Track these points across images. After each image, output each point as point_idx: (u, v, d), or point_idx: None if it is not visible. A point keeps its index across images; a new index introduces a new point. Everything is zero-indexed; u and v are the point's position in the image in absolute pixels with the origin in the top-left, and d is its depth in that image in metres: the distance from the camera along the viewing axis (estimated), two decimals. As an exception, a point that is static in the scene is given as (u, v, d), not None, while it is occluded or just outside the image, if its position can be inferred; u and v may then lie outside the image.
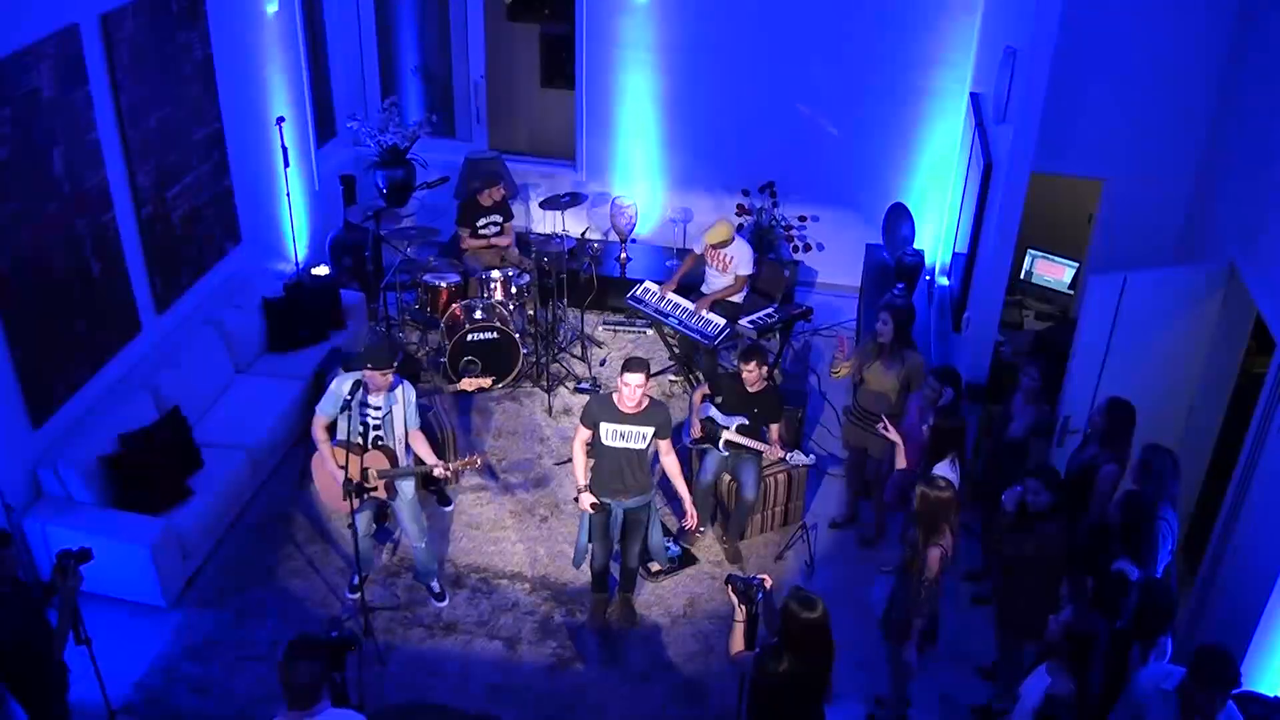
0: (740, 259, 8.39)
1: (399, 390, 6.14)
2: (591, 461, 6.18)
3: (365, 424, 6.11)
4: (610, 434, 5.98)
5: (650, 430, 5.97)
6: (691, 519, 6.30)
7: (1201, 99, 7.15)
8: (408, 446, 6.27)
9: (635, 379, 5.79)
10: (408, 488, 6.41)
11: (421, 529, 6.52)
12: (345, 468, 5.99)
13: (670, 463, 6.14)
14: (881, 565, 6.93)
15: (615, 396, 5.93)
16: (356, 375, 6.04)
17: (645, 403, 5.94)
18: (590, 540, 6.33)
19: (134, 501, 6.58)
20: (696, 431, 6.87)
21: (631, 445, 5.99)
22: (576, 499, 6.21)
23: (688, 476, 7.50)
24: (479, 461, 6.31)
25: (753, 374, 6.52)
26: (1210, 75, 7.08)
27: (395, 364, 6.04)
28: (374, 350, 6.02)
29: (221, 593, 6.75)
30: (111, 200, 6.93)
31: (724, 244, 8.34)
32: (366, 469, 6.14)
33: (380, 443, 6.17)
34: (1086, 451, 6.11)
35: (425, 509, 6.83)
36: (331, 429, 6.21)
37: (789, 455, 6.63)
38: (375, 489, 6.23)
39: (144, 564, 6.37)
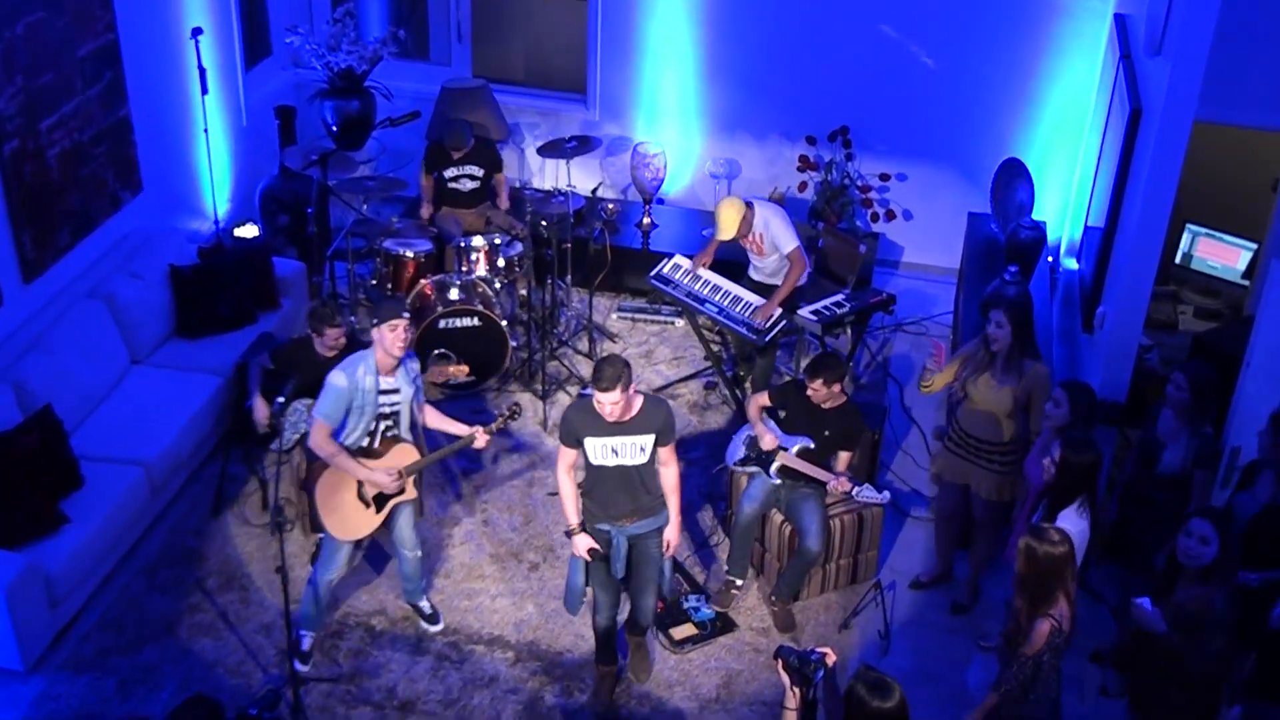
0: (774, 231, 8.11)
1: (413, 364, 6.57)
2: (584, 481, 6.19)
3: (376, 416, 6.45)
4: (600, 451, 5.97)
5: (650, 439, 5.98)
6: (675, 536, 6.30)
7: None
8: (414, 430, 6.66)
9: (611, 397, 5.75)
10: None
11: (417, 537, 6.83)
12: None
13: (670, 475, 6.17)
14: (981, 640, 6.89)
15: (597, 403, 5.89)
16: (363, 357, 6.32)
17: (639, 403, 5.93)
18: (587, 583, 6.32)
19: (-14, 531, 6.58)
20: (775, 457, 6.80)
21: (628, 462, 5.99)
22: (569, 534, 6.25)
23: (725, 515, 7.41)
24: (518, 407, 6.87)
25: (818, 393, 6.64)
26: None
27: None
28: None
29: (102, 654, 6.72)
30: (-38, 132, 6.99)
31: (744, 229, 8.11)
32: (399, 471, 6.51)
33: (391, 434, 6.52)
34: (1261, 489, 6.03)
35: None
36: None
37: (856, 490, 6.66)
38: (404, 492, 6.61)
39: (-3, 613, 6.35)
